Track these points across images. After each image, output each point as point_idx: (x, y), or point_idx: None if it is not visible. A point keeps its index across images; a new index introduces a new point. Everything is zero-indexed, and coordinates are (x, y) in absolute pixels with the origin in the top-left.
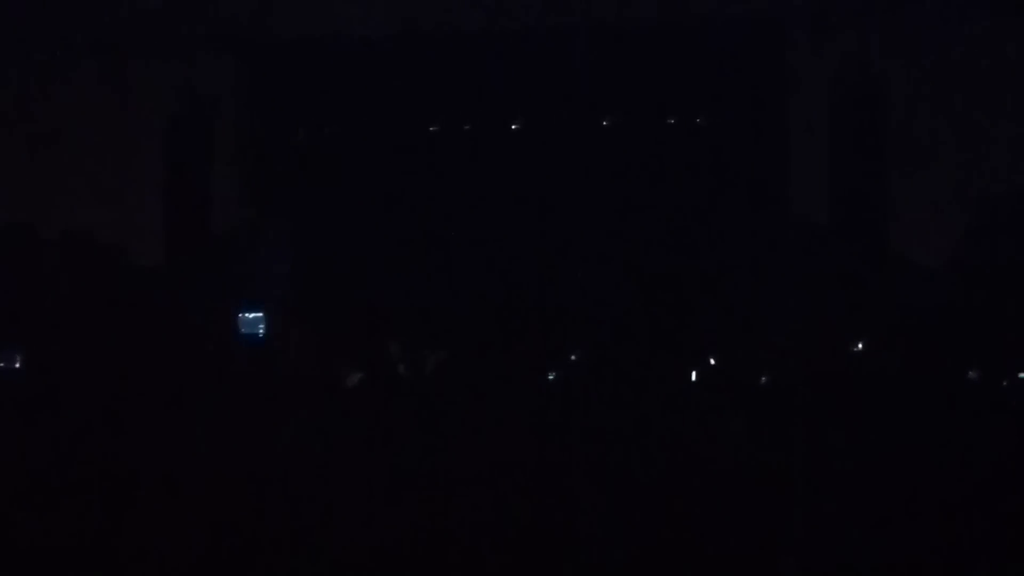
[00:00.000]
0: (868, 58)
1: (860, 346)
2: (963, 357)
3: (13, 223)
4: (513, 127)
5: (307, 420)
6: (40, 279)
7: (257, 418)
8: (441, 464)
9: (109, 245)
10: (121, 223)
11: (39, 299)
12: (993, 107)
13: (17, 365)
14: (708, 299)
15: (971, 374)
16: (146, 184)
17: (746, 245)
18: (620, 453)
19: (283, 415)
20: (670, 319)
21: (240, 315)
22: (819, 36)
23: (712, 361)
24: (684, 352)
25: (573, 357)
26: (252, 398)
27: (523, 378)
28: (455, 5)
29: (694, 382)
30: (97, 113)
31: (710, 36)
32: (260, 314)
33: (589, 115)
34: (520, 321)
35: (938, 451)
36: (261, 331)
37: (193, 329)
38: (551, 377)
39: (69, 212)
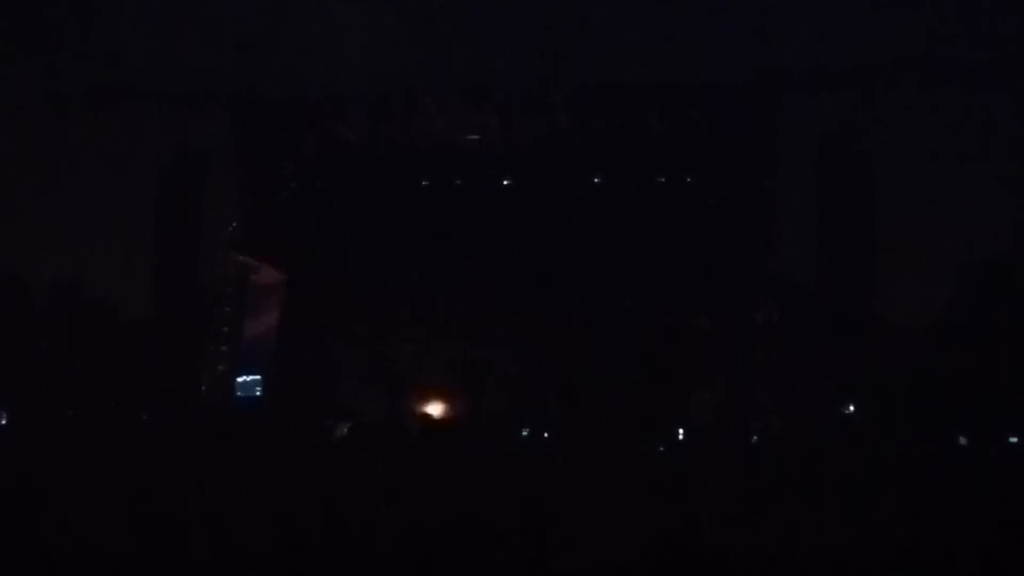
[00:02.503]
0: (856, 124)
1: (847, 408)
2: (951, 421)
3: (2, 274)
4: (505, 183)
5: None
6: (28, 330)
7: (251, 472)
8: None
9: (98, 297)
10: (110, 275)
11: (26, 351)
12: (980, 175)
13: (3, 422)
14: (695, 357)
15: (961, 439)
16: (136, 237)
17: (732, 304)
18: (604, 514)
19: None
20: (658, 376)
21: (238, 379)
22: (809, 101)
23: (699, 420)
24: (671, 411)
25: (552, 411)
26: (246, 453)
27: (511, 432)
28: (449, 64)
29: (681, 441)
30: (89, 167)
31: (702, 99)
32: (258, 376)
33: (580, 172)
34: (508, 374)
35: (930, 515)
36: (258, 392)
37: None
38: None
39: (59, 264)
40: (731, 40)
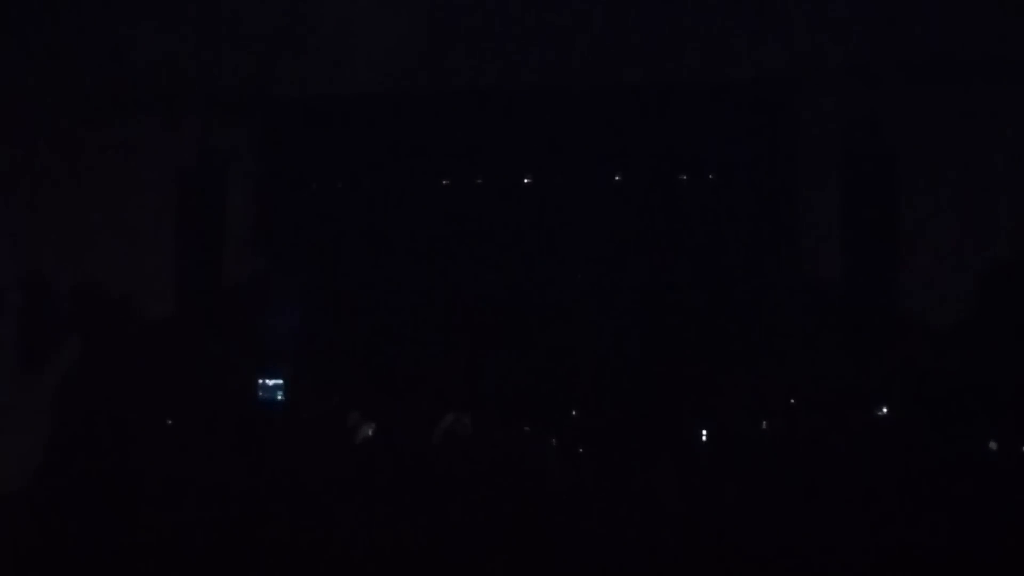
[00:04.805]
0: (880, 119)
1: (871, 411)
2: (979, 423)
3: (23, 274)
4: (525, 181)
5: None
6: (49, 330)
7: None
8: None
9: (120, 297)
10: (132, 275)
11: (46, 351)
12: (1007, 170)
13: None
14: (716, 358)
15: (991, 444)
16: (158, 238)
17: (755, 302)
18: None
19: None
20: (678, 377)
21: (260, 381)
22: (831, 97)
23: (720, 422)
24: (693, 413)
25: (574, 413)
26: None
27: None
28: (466, 62)
29: (704, 443)
30: (109, 167)
31: (723, 96)
32: (280, 381)
33: (601, 171)
34: (527, 378)
35: (956, 524)
36: (280, 396)
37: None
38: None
39: (80, 264)
40: (755, 35)
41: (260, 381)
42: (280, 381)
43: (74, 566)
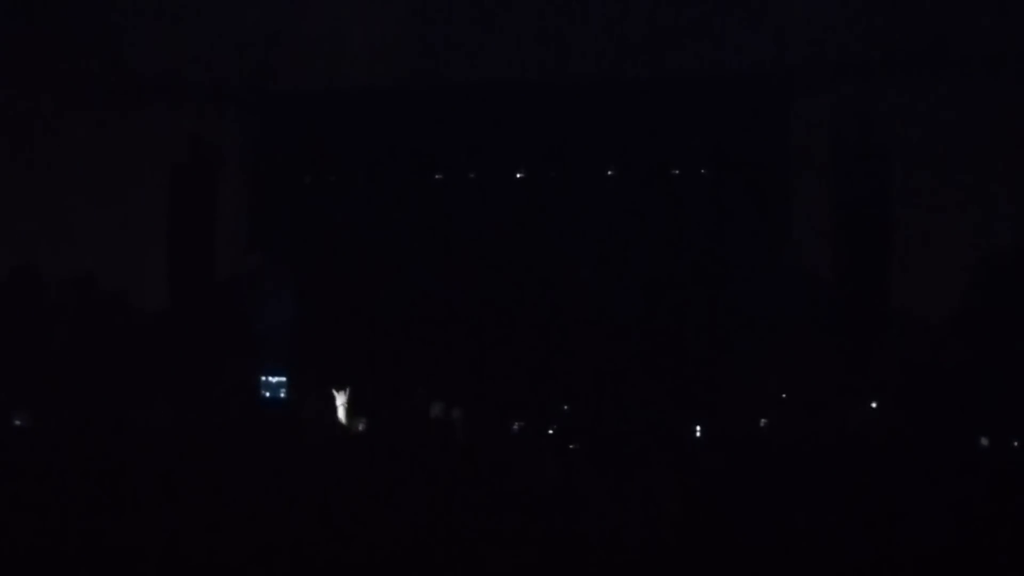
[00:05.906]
0: (872, 113)
1: (864, 406)
2: (970, 417)
3: (16, 267)
4: (518, 175)
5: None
6: (41, 324)
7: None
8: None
9: (112, 291)
10: (125, 268)
11: (43, 347)
12: (998, 164)
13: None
14: (710, 352)
15: (983, 440)
16: (151, 230)
17: (748, 296)
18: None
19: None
20: (671, 372)
21: (263, 378)
22: (823, 91)
23: (717, 417)
24: (686, 407)
25: (566, 407)
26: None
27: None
28: (461, 57)
29: (698, 438)
30: (102, 160)
31: (716, 91)
32: (283, 378)
33: (593, 165)
34: (521, 372)
35: (949, 520)
36: (283, 394)
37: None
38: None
39: (73, 256)
40: (746, 31)
41: (264, 379)
42: (283, 379)
43: (71, 564)
